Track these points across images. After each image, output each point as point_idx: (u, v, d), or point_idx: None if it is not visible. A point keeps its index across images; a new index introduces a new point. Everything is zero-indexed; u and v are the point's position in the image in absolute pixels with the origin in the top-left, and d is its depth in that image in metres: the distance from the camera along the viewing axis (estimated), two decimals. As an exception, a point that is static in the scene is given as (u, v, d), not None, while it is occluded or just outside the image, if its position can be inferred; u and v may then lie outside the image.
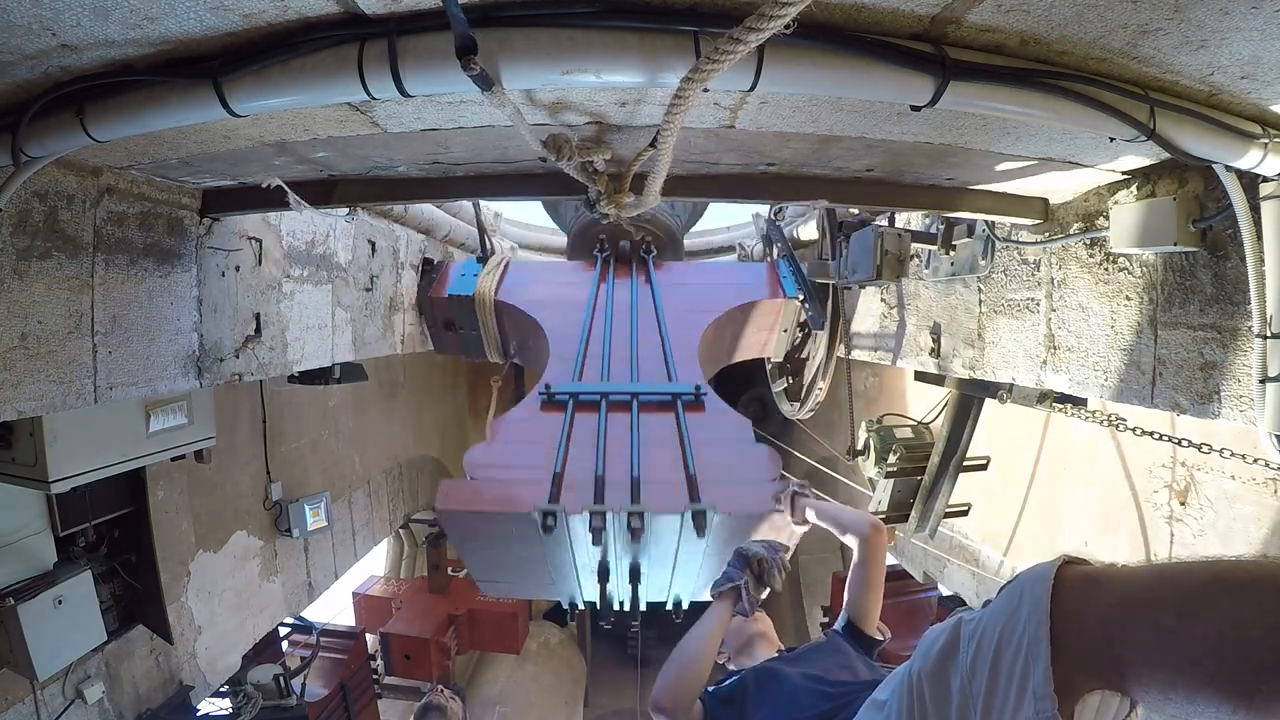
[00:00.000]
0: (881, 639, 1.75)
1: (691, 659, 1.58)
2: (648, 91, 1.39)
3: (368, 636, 6.00)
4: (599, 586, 2.25)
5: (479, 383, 9.92)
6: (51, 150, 1.39)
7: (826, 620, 5.77)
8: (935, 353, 3.21)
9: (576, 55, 1.08)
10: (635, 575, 2.29)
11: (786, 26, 0.86)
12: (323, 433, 5.19)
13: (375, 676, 5.84)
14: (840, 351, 4.12)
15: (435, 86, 1.14)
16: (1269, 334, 1.56)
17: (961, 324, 3.00)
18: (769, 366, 5.02)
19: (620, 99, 1.44)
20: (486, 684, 7.84)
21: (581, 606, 2.63)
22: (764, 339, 4.59)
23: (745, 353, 4.69)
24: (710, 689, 1.62)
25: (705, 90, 1.15)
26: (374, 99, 1.18)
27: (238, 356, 2.53)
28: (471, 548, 2.48)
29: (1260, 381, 1.59)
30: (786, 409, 5.02)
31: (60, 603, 2.66)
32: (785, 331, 4.56)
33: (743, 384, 9.67)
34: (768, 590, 1.76)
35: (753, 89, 1.14)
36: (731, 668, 1.82)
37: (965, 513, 3.74)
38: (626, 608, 2.39)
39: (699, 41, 1.06)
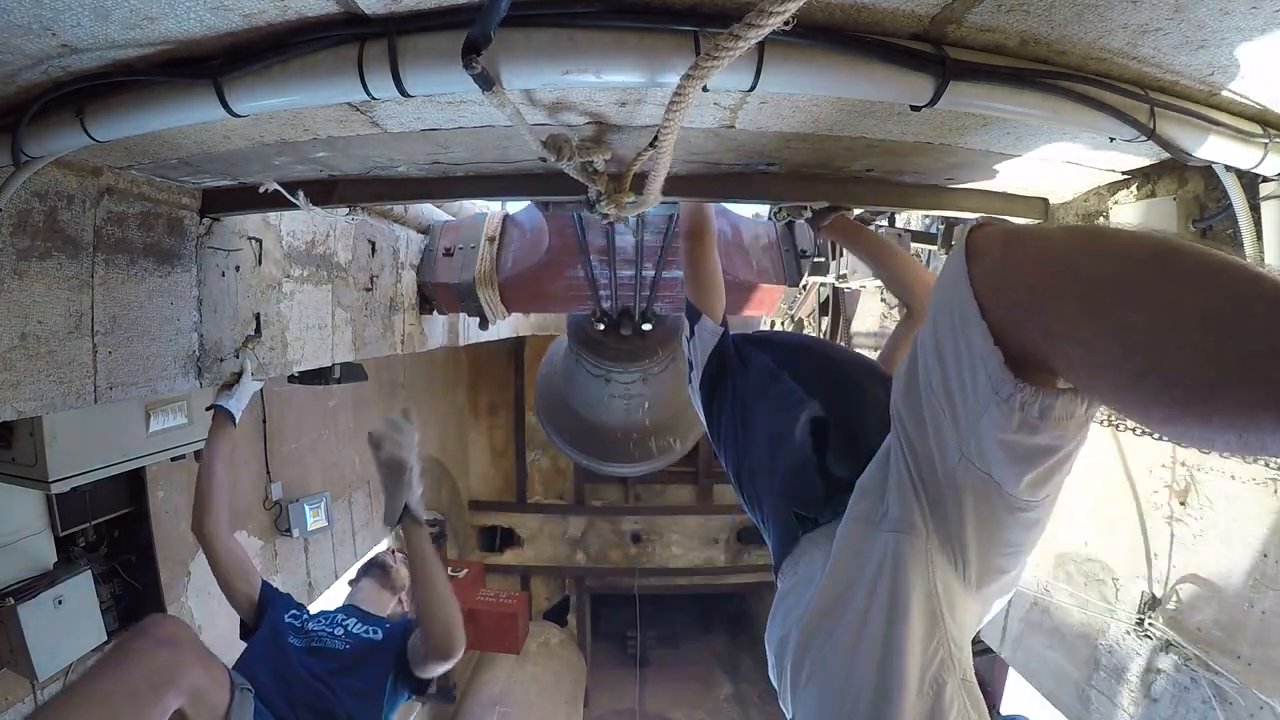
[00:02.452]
0: None
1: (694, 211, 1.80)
2: (648, 91, 1.39)
3: (368, 636, 6.00)
4: None
5: (479, 382, 9.94)
6: (51, 150, 1.39)
7: None
8: (935, 353, 3.21)
9: (577, 55, 1.08)
10: None
11: (786, 23, 0.86)
12: (323, 433, 5.19)
13: (375, 676, 5.83)
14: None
15: (435, 86, 1.14)
16: (1269, 334, 1.56)
17: (961, 324, 3.00)
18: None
19: (620, 99, 1.44)
20: (486, 684, 7.84)
21: None
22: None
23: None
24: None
25: (705, 90, 1.14)
26: (374, 99, 1.18)
27: (238, 356, 2.53)
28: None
29: (1260, 381, 1.58)
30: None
31: (60, 603, 2.65)
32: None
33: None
34: None
35: (753, 89, 1.14)
36: None
37: (965, 513, 3.74)
38: None
39: (699, 41, 1.06)
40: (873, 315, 4.09)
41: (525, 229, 4.10)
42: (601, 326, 4.32)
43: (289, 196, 2.00)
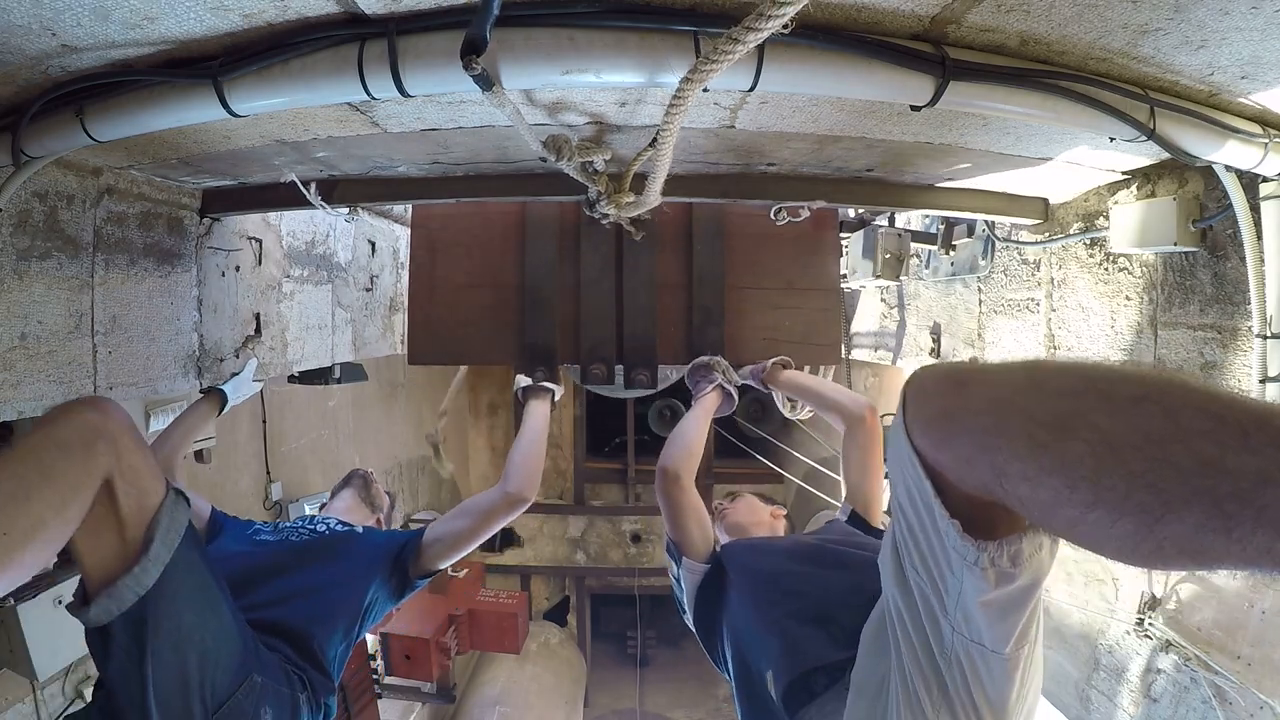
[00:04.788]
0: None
1: (688, 431, 1.84)
2: (647, 91, 1.39)
3: (368, 636, 6.00)
4: None
5: (479, 383, 9.93)
6: (51, 150, 1.39)
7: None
8: (935, 353, 3.21)
9: (577, 55, 1.08)
10: None
11: (785, 26, 0.86)
12: (323, 432, 5.19)
13: (375, 676, 5.83)
14: (840, 352, 4.12)
15: (435, 86, 1.14)
16: (1269, 334, 1.56)
17: (961, 324, 3.00)
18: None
19: (620, 99, 1.44)
20: (486, 684, 7.84)
21: None
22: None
23: None
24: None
25: (705, 90, 1.14)
26: (374, 99, 1.18)
27: (238, 356, 2.53)
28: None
29: (1260, 381, 1.59)
30: (786, 409, 5.02)
31: (60, 603, 2.65)
32: None
33: (742, 385, 9.67)
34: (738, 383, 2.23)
35: (753, 89, 1.14)
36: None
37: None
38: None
39: (699, 41, 1.06)
40: (872, 315, 4.09)
41: None
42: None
43: (304, 190, 2.00)
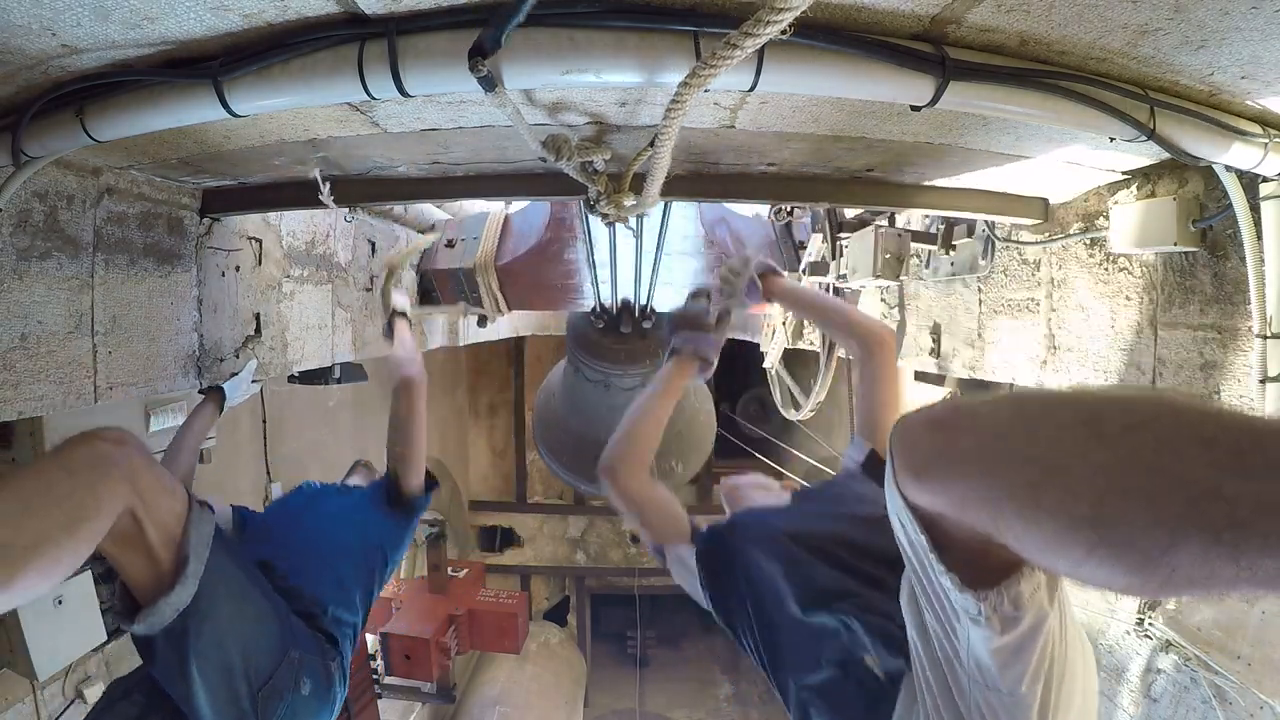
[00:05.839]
0: None
1: (630, 416, 1.44)
2: (647, 91, 1.39)
3: (368, 636, 6.00)
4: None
5: (479, 382, 9.94)
6: (51, 150, 1.39)
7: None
8: (935, 353, 3.21)
9: (577, 55, 1.08)
10: None
11: (784, 31, 0.86)
12: (323, 433, 5.19)
13: (375, 676, 5.83)
14: (841, 352, 4.12)
15: (435, 87, 1.15)
16: (1269, 334, 1.56)
17: (961, 324, 3.00)
18: (768, 368, 5.03)
19: (620, 99, 1.44)
20: (486, 684, 7.84)
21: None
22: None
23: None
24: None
25: (706, 90, 1.15)
26: (374, 99, 1.18)
27: (238, 356, 2.53)
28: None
29: (1260, 381, 1.59)
30: (786, 409, 5.02)
31: (60, 603, 2.65)
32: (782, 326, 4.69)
33: (742, 384, 9.68)
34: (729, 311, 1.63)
35: (753, 89, 1.14)
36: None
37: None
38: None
39: (699, 41, 1.06)
40: (873, 315, 4.09)
41: (528, 216, 4.20)
42: (601, 326, 4.32)
43: (320, 187, 2.00)
